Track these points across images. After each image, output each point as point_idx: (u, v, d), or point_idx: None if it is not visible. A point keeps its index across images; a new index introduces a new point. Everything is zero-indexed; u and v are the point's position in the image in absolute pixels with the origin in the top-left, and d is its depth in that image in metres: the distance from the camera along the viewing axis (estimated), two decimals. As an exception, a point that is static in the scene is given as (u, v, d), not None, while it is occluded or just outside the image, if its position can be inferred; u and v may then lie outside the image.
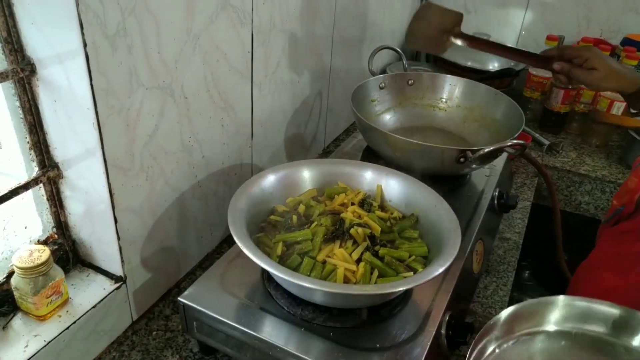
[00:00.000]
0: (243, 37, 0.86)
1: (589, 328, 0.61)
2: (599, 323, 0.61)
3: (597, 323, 0.61)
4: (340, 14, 1.18)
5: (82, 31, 0.57)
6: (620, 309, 0.61)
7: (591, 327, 0.61)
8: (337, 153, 1.11)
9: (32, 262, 0.66)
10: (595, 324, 0.61)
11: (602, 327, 0.60)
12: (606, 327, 0.60)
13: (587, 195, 1.39)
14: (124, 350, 0.78)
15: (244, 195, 0.75)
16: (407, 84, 1.18)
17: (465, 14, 1.80)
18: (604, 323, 0.60)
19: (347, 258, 0.69)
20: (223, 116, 0.87)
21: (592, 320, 0.61)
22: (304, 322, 0.69)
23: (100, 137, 0.65)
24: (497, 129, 1.07)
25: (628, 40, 1.54)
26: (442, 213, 0.76)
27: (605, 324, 0.60)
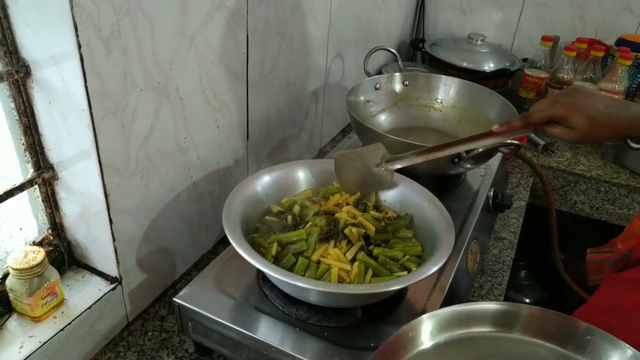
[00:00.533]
0: (238, 38, 0.86)
1: (473, 330, 0.60)
2: (482, 323, 0.60)
3: (480, 324, 0.60)
4: (336, 15, 1.19)
5: (76, 33, 0.57)
6: (501, 304, 0.61)
7: (475, 328, 0.60)
8: (333, 153, 1.12)
9: (27, 264, 0.66)
10: (478, 325, 0.60)
11: (485, 326, 0.60)
12: (489, 325, 0.60)
13: (583, 194, 1.40)
14: (120, 351, 0.78)
15: (239, 196, 0.75)
16: (403, 84, 1.18)
17: (461, 15, 1.83)
18: (487, 322, 0.60)
19: (342, 258, 0.69)
20: (218, 117, 0.87)
21: (475, 321, 0.60)
22: (298, 322, 0.70)
23: (95, 139, 0.65)
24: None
25: (622, 40, 1.55)
26: (436, 212, 0.76)
27: (488, 322, 0.60)
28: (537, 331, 0.58)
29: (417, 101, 1.18)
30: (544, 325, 0.59)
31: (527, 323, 0.59)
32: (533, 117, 0.75)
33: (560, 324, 0.59)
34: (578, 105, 0.72)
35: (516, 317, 0.60)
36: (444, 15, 1.85)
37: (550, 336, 0.58)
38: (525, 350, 0.59)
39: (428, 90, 1.18)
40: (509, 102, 1.06)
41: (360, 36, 1.39)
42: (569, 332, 0.58)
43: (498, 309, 0.60)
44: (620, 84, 1.43)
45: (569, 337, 0.58)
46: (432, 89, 1.18)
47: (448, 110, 1.17)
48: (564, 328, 0.58)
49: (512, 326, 0.59)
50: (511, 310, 0.60)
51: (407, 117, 1.17)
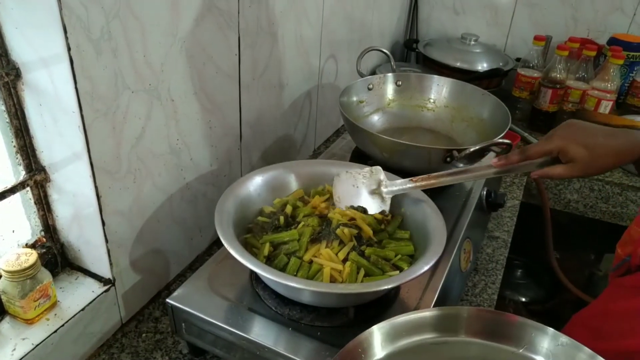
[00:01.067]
0: (230, 40, 0.86)
1: (418, 338, 0.59)
2: (425, 331, 0.60)
3: (424, 331, 0.60)
4: (328, 16, 1.19)
5: (65, 35, 0.58)
6: (441, 309, 0.61)
7: (419, 336, 0.60)
8: (326, 154, 1.12)
9: (20, 266, 0.66)
10: (422, 333, 0.60)
11: (429, 333, 0.60)
12: (433, 332, 0.60)
13: (576, 193, 1.40)
14: (114, 352, 0.78)
15: (232, 197, 0.75)
16: (395, 85, 1.18)
17: (454, 15, 1.83)
18: (430, 329, 0.60)
19: (334, 258, 0.69)
20: (211, 118, 0.87)
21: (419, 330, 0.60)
22: (291, 322, 0.70)
23: (86, 141, 0.65)
24: (484, 129, 1.08)
25: (614, 39, 1.56)
26: (428, 212, 0.77)
27: (432, 329, 0.60)
28: (478, 331, 0.59)
29: (410, 101, 1.19)
30: (484, 325, 0.60)
31: (469, 324, 0.60)
32: (531, 151, 0.75)
33: (497, 321, 0.60)
34: (575, 136, 0.71)
35: (458, 320, 0.60)
36: (437, 15, 1.86)
37: (491, 334, 0.59)
38: (472, 352, 0.59)
39: (421, 91, 1.18)
40: (502, 102, 1.07)
41: (354, 37, 1.40)
42: (506, 327, 0.59)
43: (440, 315, 0.61)
44: (612, 83, 1.44)
45: (507, 333, 0.59)
46: (425, 89, 1.18)
47: (441, 110, 1.17)
48: (501, 325, 0.59)
49: (456, 330, 0.60)
50: (452, 314, 0.61)
51: (400, 117, 1.18)
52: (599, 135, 0.71)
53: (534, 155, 0.75)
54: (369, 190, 0.81)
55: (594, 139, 0.71)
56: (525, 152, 0.76)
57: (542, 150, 0.74)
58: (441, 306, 0.71)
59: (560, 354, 0.56)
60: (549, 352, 0.57)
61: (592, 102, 1.45)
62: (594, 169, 0.71)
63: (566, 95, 1.50)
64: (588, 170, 0.71)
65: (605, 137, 0.71)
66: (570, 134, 0.72)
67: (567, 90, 1.49)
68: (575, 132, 0.72)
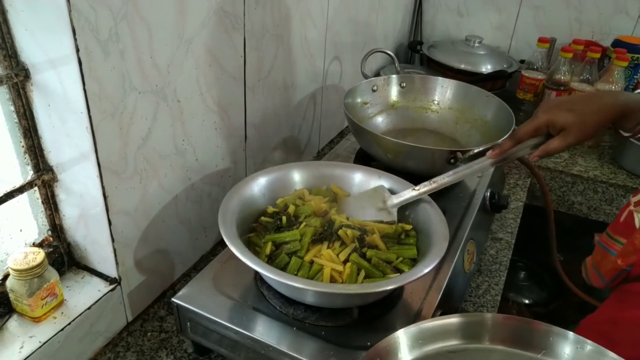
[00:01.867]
0: (235, 42, 0.87)
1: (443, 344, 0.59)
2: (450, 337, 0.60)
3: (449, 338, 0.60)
4: (333, 18, 1.20)
5: (74, 37, 0.58)
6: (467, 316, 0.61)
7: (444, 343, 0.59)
8: (330, 155, 1.13)
9: (27, 264, 0.67)
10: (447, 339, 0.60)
11: (454, 340, 0.60)
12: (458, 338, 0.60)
13: (580, 195, 1.40)
14: (119, 351, 0.78)
15: (236, 197, 0.76)
16: (400, 86, 1.19)
17: (459, 18, 1.84)
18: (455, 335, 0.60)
19: (334, 259, 0.70)
20: (216, 119, 0.88)
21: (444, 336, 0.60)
22: (296, 321, 0.70)
23: (94, 141, 0.66)
24: (488, 130, 1.09)
25: (619, 41, 1.56)
26: (431, 215, 0.77)
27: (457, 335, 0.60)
28: (502, 338, 0.59)
29: (414, 103, 1.19)
30: (508, 332, 0.60)
31: (493, 331, 0.60)
32: (520, 132, 0.77)
33: (523, 328, 0.59)
34: (558, 106, 0.73)
35: (482, 327, 0.60)
36: (441, 17, 1.86)
37: (516, 341, 0.59)
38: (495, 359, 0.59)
39: (425, 92, 1.19)
40: (505, 103, 1.07)
41: (358, 39, 1.40)
42: (531, 335, 0.59)
43: (465, 321, 0.60)
44: (616, 85, 1.44)
45: (532, 340, 0.59)
46: (429, 91, 1.19)
47: (445, 112, 1.18)
48: (526, 332, 0.59)
49: (480, 336, 0.60)
50: (477, 321, 0.61)
51: (404, 119, 1.18)
52: (579, 100, 0.74)
53: (524, 135, 0.76)
54: (376, 208, 0.82)
55: (577, 104, 0.73)
56: (515, 135, 0.77)
57: (530, 129, 0.75)
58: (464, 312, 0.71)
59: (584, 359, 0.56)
60: (570, 357, 0.57)
61: (596, 104, 1.45)
62: (586, 130, 0.72)
63: (570, 98, 1.50)
64: (581, 133, 0.72)
65: (586, 99, 0.74)
66: (553, 106, 0.74)
67: (571, 92, 1.49)
68: (557, 103, 0.74)
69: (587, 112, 0.72)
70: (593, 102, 0.73)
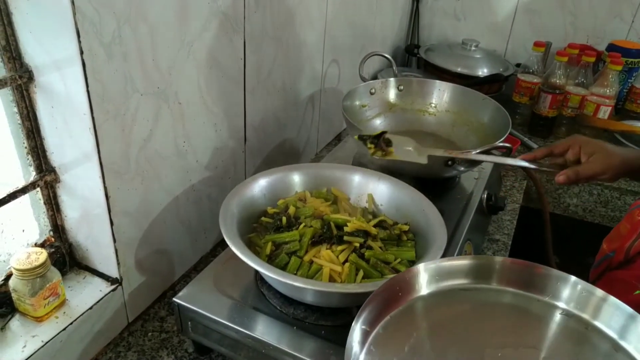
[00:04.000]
0: (235, 45, 0.88)
1: (455, 282, 0.65)
2: (459, 276, 0.66)
3: (457, 277, 0.66)
4: (331, 22, 1.21)
5: (78, 39, 0.59)
6: (475, 258, 0.68)
7: (454, 281, 0.66)
8: (329, 157, 1.14)
9: (30, 264, 0.67)
10: (456, 278, 0.66)
11: (463, 279, 0.66)
12: (466, 278, 0.66)
13: (576, 197, 1.42)
14: (120, 351, 0.79)
15: (236, 198, 0.77)
16: (397, 89, 1.20)
17: (456, 22, 1.85)
18: (464, 275, 0.66)
19: (333, 259, 0.71)
20: (216, 121, 0.89)
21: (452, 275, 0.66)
22: (296, 321, 0.71)
23: (97, 142, 0.67)
24: (484, 133, 1.10)
25: (613, 46, 1.58)
26: (430, 217, 0.78)
27: (466, 275, 0.66)
28: (509, 280, 0.66)
29: (412, 106, 1.20)
30: (513, 274, 0.66)
31: (500, 273, 0.66)
32: (556, 148, 0.83)
33: (525, 271, 0.66)
34: (590, 140, 0.80)
35: (491, 269, 0.67)
36: (438, 21, 1.88)
37: (519, 283, 0.66)
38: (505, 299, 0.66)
39: (422, 95, 1.20)
40: (501, 106, 1.09)
41: (356, 42, 1.41)
42: (532, 276, 0.66)
43: (477, 263, 0.67)
44: (611, 89, 1.45)
45: (533, 281, 0.65)
46: (426, 94, 1.20)
47: (442, 115, 1.19)
48: (528, 274, 0.66)
49: (489, 277, 0.66)
50: (485, 264, 0.67)
51: (401, 121, 1.19)
52: (609, 145, 0.80)
53: (558, 149, 0.82)
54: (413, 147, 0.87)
55: (607, 146, 0.80)
56: (550, 147, 0.83)
57: (565, 144, 0.81)
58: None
59: (578, 297, 0.63)
60: (570, 298, 0.64)
61: (591, 108, 1.47)
62: (608, 166, 0.77)
63: (565, 101, 1.52)
64: (605, 163, 0.77)
65: (612, 146, 0.80)
66: (587, 139, 0.81)
67: (567, 95, 1.51)
68: (590, 139, 0.81)
69: (611, 153, 0.78)
70: (616, 151, 0.80)
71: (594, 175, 0.78)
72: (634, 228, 0.74)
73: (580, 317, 0.62)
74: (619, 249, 0.77)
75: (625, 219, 0.80)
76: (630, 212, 0.79)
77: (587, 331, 0.62)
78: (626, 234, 0.76)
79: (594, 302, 0.62)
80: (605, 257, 0.81)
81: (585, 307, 0.63)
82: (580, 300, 0.63)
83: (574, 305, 0.63)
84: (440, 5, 1.85)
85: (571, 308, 0.63)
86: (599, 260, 0.84)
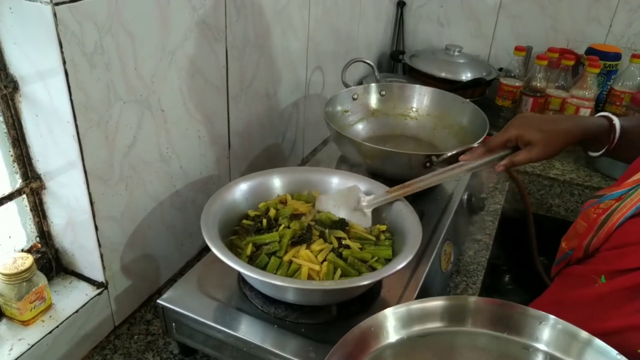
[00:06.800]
0: (218, 53, 0.90)
1: (426, 327, 0.63)
2: (434, 319, 0.63)
3: (432, 320, 0.63)
4: (314, 29, 1.24)
5: (61, 50, 0.61)
6: (449, 299, 0.64)
7: (428, 325, 0.63)
8: (313, 162, 1.16)
9: (16, 269, 0.69)
10: (430, 321, 0.63)
11: (438, 322, 0.63)
12: (442, 321, 0.63)
13: (557, 198, 1.45)
14: (107, 353, 0.81)
15: (218, 201, 0.79)
16: (379, 94, 1.23)
17: (439, 27, 1.89)
18: (439, 318, 0.63)
19: (312, 259, 0.73)
20: (200, 128, 0.91)
21: (426, 319, 0.63)
22: (277, 319, 0.73)
23: (81, 149, 0.69)
24: (464, 135, 1.13)
25: (592, 49, 1.61)
26: (405, 216, 0.81)
27: (441, 318, 0.63)
28: (485, 321, 0.63)
29: (394, 110, 1.23)
30: (489, 315, 0.63)
31: (475, 315, 0.63)
32: (492, 142, 0.86)
33: (501, 311, 0.63)
34: (528, 123, 0.82)
35: (465, 311, 0.64)
36: (422, 27, 1.92)
37: (495, 324, 0.63)
38: (479, 342, 0.63)
39: (403, 100, 1.23)
40: (479, 109, 1.11)
41: (340, 49, 1.44)
42: (509, 317, 0.63)
43: (449, 304, 0.64)
44: (590, 91, 1.49)
45: (510, 322, 0.63)
46: (408, 99, 1.23)
47: (423, 118, 1.22)
48: (504, 314, 0.63)
49: (463, 320, 0.63)
50: (459, 305, 0.64)
51: (384, 126, 1.22)
52: (548, 121, 0.83)
53: (495, 144, 0.85)
54: (350, 208, 0.85)
55: (545, 124, 0.82)
56: (487, 144, 0.86)
57: (502, 139, 0.84)
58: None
59: (560, 339, 0.61)
60: (550, 339, 0.61)
61: (572, 110, 1.50)
62: (550, 149, 0.80)
63: (547, 104, 1.55)
64: (545, 150, 0.80)
65: (553, 121, 0.84)
66: (524, 123, 0.83)
67: (548, 98, 1.54)
68: (528, 120, 0.83)
69: (553, 133, 0.81)
70: (559, 125, 0.82)
71: (531, 161, 0.82)
72: (591, 226, 0.77)
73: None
74: (577, 247, 0.79)
75: (580, 217, 0.83)
76: (585, 210, 0.82)
77: None
78: (583, 232, 0.79)
79: (577, 344, 0.60)
80: (565, 256, 0.84)
81: (568, 350, 0.60)
82: (561, 342, 0.60)
83: (555, 347, 0.60)
84: (425, 11, 1.89)
85: (552, 350, 0.60)
86: (559, 258, 0.86)
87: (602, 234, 0.75)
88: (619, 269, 0.70)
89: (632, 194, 0.73)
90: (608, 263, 0.73)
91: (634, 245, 0.70)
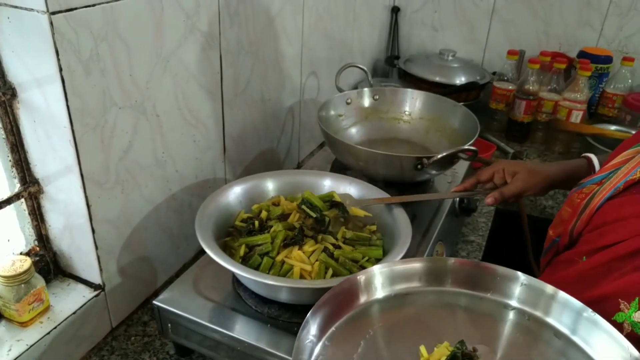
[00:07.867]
0: (212, 59, 0.92)
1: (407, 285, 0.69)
2: (413, 279, 0.69)
3: (411, 280, 0.69)
4: (308, 35, 1.26)
5: (57, 57, 0.63)
6: (428, 260, 0.71)
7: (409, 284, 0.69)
8: (307, 165, 1.18)
9: (15, 271, 0.71)
10: (410, 281, 0.69)
11: (417, 282, 0.69)
12: (420, 281, 0.69)
13: (550, 199, 1.46)
14: (104, 354, 0.82)
15: (212, 204, 0.81)
16: (373, 99, 1.25)
17: (433, 32, 1.91)
18: (418, 278, 0.69)
19: (304, 259, 0.75)
20: (195, 132, 0.93)
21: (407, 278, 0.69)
22: (271, 319, 0.75)
23: (77, 154, 0.70)
24: (456, 138, 1.15)
25: (583, 53, 1.63)
26: (396, 217, 0.82)
27: (419, 277, 0.69)
28: (462, 281, 0.70)
29: (387, 114, 1.25)
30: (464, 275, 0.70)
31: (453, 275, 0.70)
32: (481, 175, 0.96)
33: (475, 271, 0.70)
34: (515, 162, 0.96)
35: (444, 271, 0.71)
36: (416, 32, 1.94)
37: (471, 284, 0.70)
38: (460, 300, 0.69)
39: (396, 104, 1.25)
40: (471, 112, 1.13)
41: (334, 54, 1.46)
42: (483, 276, 0.70)
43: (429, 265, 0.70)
44: (582, 94, 1.51)
45: (483, 281, 0.69)
46: (400, 102, 1.25)
47: (416, 122, 1.24)
48: (478, 274, 0.70)
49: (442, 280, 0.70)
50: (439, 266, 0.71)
51: (377, 130, 1.24)
52: (534, 163, 0.95)
53: (484, 176, 0.95)
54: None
55: (529, 165, 0.93)
56: (477, 176, 0.96)
57: (489, 171, 0.95)
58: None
59: (527, 294, 0.67)
60: (519, 294, 0.67)
61: (564, 112, 1.52)
62: (536, 177, 0.91)
63: (539, 106, 1.57)
64: (532, 176, 0.90)
65: (536, 164, 0.96)
66: (511, 161, 0.95)
67: (540, 101, 1.56)
68: (513, 162, 0.95)
69: (537, 173, 0.91)
70: (542, 169, 0.93)
71: (518, 192, 0.91)
72: (575, 211, 0.79)
73: (532, 314, 0.65)
74: (563, 233, 0.81)
75: (566, 203, 0.85)
76: (569, 196, 0.84)
77: (539, 328, 0.64)
78: (568, 217, 0.80)
79: (544, 298, 0.65)
80: (552, 244, 0.85)
81: (537, 303, 0.66)
82: (530, 297, 0.66)
83: (525, 302, 0.67)
84: (419, 17, 1.91)
85: (522, 305, 0.67)
86: (547, 248, 0.88)
87: (585, 217, 0.77)
88: (597, 247, 0.73)
89: (612, 177, 0.75)
90: (589, 243, 0.75)
91: (611, 224, 0.73)
